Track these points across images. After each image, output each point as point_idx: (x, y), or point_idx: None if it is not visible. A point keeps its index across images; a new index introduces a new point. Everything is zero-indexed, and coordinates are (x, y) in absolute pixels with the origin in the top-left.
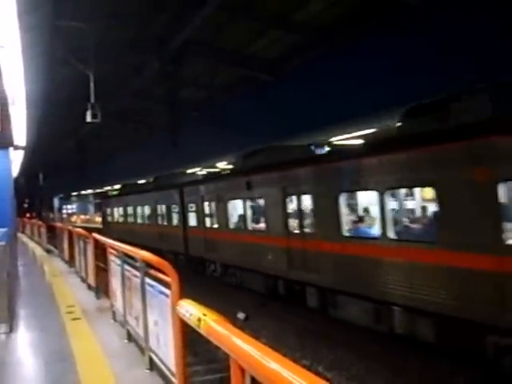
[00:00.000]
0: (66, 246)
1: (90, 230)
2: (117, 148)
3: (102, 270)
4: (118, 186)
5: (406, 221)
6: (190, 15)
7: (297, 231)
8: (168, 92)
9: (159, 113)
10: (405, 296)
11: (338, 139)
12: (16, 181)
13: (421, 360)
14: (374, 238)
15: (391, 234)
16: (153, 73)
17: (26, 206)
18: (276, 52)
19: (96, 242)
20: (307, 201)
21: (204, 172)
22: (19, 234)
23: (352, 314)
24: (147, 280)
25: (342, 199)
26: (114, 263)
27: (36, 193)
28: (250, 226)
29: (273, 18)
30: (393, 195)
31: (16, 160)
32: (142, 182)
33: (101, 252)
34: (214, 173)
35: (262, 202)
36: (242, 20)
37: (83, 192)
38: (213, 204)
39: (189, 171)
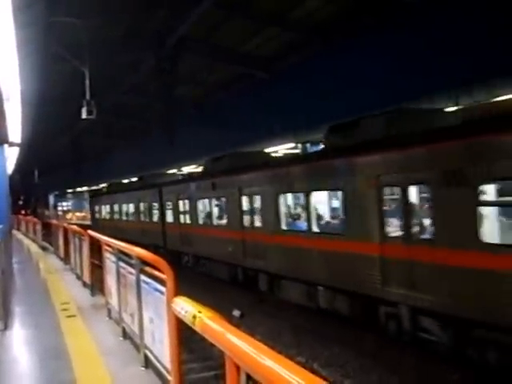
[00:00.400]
0: (61, 243)
1: (85, 227)
2: (112, 145)
3: (97, 267)
4: (105, 185)
5: (325, 217)
6: (186, 12)
7: (249, 226)
8: (164, 89)
9: (155, 110)
10: (326, 278)
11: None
12: (11, 178)
13: (415, 357)
14: (304, 231)
15: (315, 228)
16: (148, 70)
17: (20, 203)
18: (272, 50)
19: (91, 239)
20: (257, 200)
21: (182, 172)
22: (14, 231)
23: (291, 295)
24: (142, 277)
25: (281, 200)
26: (109, 260)
27: (31, 190)
28: (215, 221)
29: (269, 15)
30: (315, 197)
31: (11, 157)
32: (126, 181)
33: (96, 249)
34: (188, 174)
35: (223, 200)
36: (238, 17)
37: (78, 189)
38: (186, 202)
39: (168, 172)
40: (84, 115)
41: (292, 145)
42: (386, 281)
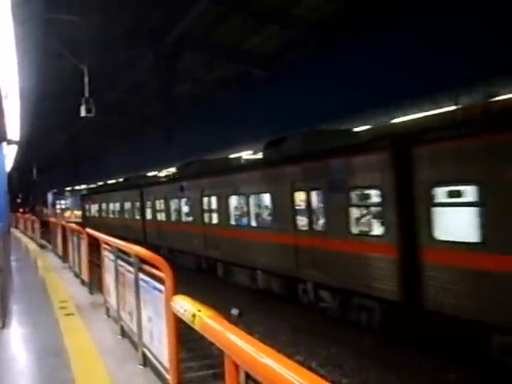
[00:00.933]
0: (59, 241)
1: (81, 224)
2: (110, 143)
3: (96, 266)
4: (97, 185)
5: (259, 215)
6: (185, 10)
7: (209, 222)
8: (162, 87)
9: (153, 108)
10: (263, 263)
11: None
12: (9, 175)
13: (413, 356)
14: (245, 226)
15: (253, 223)
16: (147, 68)
17: (19, 201)
18: (271, 48)
19: (90, 237)
20: (214, 200)
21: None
22: (12, 229)
23: (240, 279)
24: (141, 276)
25: (231, 200)
26: (108, 259)
27: (29, 188)
28: (184, 218)
29: (268, 13)
30: (253, 198)
31: (9, 154)
32: (112, 182)
33: (94, 247)
34: (164, 177)
35: (189, 200)
36: (236, 15)
37: (77, 187)
38: (161, 202)
39: (148, 174)
40: (83, 113)
41: None
42: (298, 264)
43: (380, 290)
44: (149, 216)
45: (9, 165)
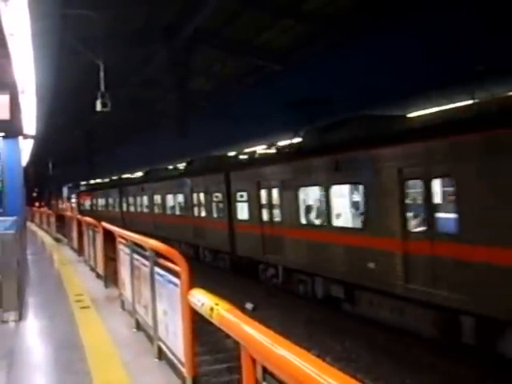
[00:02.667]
0: (74, 234)
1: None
2: (125, 138)
3: (111, 259)
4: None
5: (213, 207)
6: (200, 5)
7: (198, 215)
8: (177, 82)
9: (168, 102)
10: (216, 245)
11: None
12: (25, 170)
13: (428, 352)
14: (205, 217)
15: (202, 214)
16: (162, 62)
17: (35, 195)
18: (285, 42)
19: (105, 231)
20: (202, 196)
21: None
22: (28, 223)
23: (206, 259)
24: (156, 269)
25: (193, 196)
26: (123, 252)
27: (45, 182)
28: (178, 212)
29: (283, 8)
30: (211, 195)
31: (26, 149)
32: (101, 181)
33: (110, 241)
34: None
35: (183, 196)
36: (251, 10)
37: (92, 181)
38: (138, 198)
39: (131, 176)
40: (99, 107)
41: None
42: (265, 249)
43: (223, 247)
44: (131, 209)
45: (25, 159)
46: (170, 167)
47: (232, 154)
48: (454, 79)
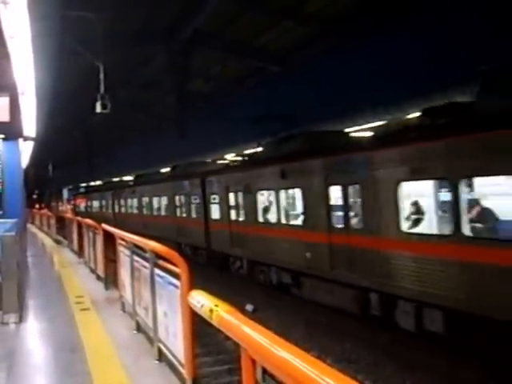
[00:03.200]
0: (75, 236)
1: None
2: (125, 139)
3: (111, 261)
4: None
5: (192, 208)
6: (200, 6)
7: (181, 215)
8: (176, 83)
9: (167, 104)
10: (195, 241)
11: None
12: (25, 172)
13: (429, 353)
14: (186, 217)
15: (183, 215)
16: (161, 64)
17: (35, 197)
18: (286, 44)
19: (105, 233)
20: (182, 199)
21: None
22: (28, 225)
23: (191, 256)
24: (156, 271)
25: (175, 199)
26: (123, 254)
27: (45, 184)
28: (163, 212)
29: (282, 9)
30: (186, 198)
31: (25, 151)
32: (94, 184)
33: (110, 243)
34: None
35: (169, 198)
36: (251, 11)
37: (92, 183)
38: (128, 200)
39: (122, 179)
40: (98, 109)
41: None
42: (232, 244)
43: (200, 243)
44: (123, 210)
45: (25, 161)
46: (157, 172)
47: (207, 160)
48: (456, 80)
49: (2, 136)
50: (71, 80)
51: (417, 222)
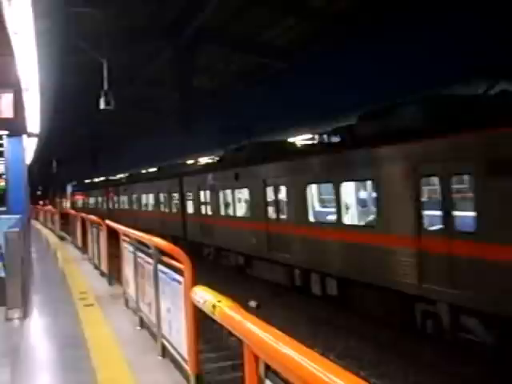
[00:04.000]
0: (78, 232)
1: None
2: (129, 136)
3: (115, 257)
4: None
5: (172, 204)
6: (204, 2)
7: (168, 211)
8: (181, 79)
9: (172, 100)
10: (175, 232)
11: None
12: (29, 168)
13: (433, 349)
14: (168, 212)
15: (166, 210)
16: (166, 60)
17: (39, 193)
18: (290, 40)
19: (109, 229)
20: (151, 196)
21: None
22: (33, 221)
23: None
24: (160, 267)
25: (160, 196)
26: (127, 250)
27: (49, 180)
28: (150, 208)
29: (287, 4)
30: (168, 195)
31: (29, 147)
32: (89, 181)
33: (114, 239)
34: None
35: (154, 196)
36: (256, 7)
37: (96, 180)
38: (120, 197)
39: (114, 178)
40: (102, 106)
41: (309, 136)
42: (203, 235)
43: (179, 234)
44: (116, 206)
45: (29, 157)
46: (145, 172)
47: (184, 163)
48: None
49: (6, 132)
50: (75, 76)
51: (317, 214)
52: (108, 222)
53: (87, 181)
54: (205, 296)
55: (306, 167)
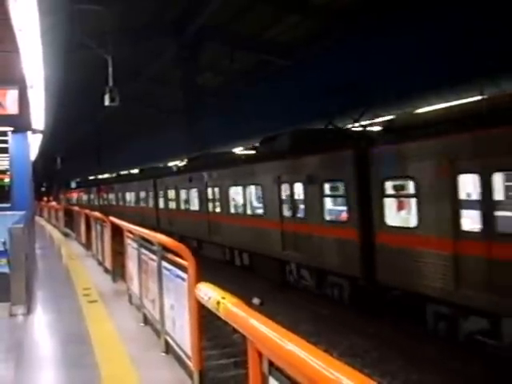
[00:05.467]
0: (82, 229)
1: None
2: (133, 133)
3: (119, 254)
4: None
5: (149, 200)
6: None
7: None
8: (185, 77)
9: (176, 98)
10: (150, 224)
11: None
12: (34, 164)
13: (435, 347)
14: (145, 207)
15: (144, 205)
16: (170, 57)
17: (43, 189)
18: (294, 37)
19: (113, 225)
20: (134, 194)
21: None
22: (37, 218)
23: None
24: (164, 264)
25: (140, 193)
26: (131, 247)
27: (53, 176)
28: (133, 204)
29: (290, 2)
30: (145, 193)
31: (34, 144)
32: (82, 179)
33: (118, 235)
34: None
35: (126, 194)
36: (259, 4)
37: (100, 176)
38: (109, 194)
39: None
40: (107, 102)
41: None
42: (169, 225)
43: (154, 225)
44: (106, 202)
45: (34, 154)
46: (130, 173)
47: (157, 166)
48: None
49: (11, 129)
50: (80, 73)
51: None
52: (112, 218)
53: (78, 179)
54: (209, 293)
55: (223, 175)
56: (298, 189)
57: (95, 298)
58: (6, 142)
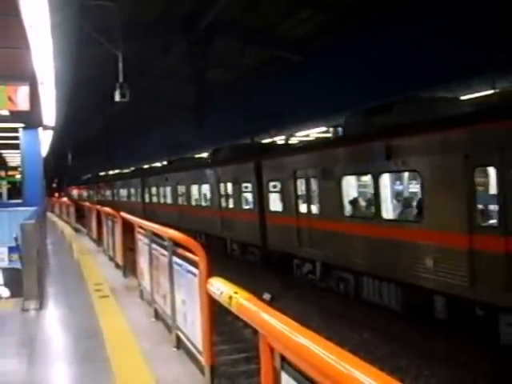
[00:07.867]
0: (94, 225)
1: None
2: (143, 129)
3: (130, 249)
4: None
5: (137, 196)
6: None
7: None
8: (195, 72)
9: (186, 93)
10: (138, 215)
11: None
12: (45, 161)
13: (446, 343)
14: (134, 201)
15: (133, 200)
16: (180, 53)
17: (54, 185)
18: (305, 32)
19: (124, 221)
20: (126, 190)
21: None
22: (48, 214)
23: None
24: (175, 259)
25: (130, 190)
26: (142, 242)
27: (64, 172)
28: (132, 199)
29: None
30: (135, 190)
31: (45, 140)
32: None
33: (129, 231)
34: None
35: (120, 190)
36: None
37: (111, 172)
38: (106, 191)
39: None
40: (117, 98)
41: (323, 129)
42: (155, 216)
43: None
44: (103, 198)
45: (45, 150)
46: (123, 172)
47: (145, 167)
48: (475, 69)
49: (22, 125)
50: (90, 69)
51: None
52: (123, 214)
53: (82, 177)
54: (221, 287)
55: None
56: (229, 187)
57: (107, 293)
58: (17, 138)
